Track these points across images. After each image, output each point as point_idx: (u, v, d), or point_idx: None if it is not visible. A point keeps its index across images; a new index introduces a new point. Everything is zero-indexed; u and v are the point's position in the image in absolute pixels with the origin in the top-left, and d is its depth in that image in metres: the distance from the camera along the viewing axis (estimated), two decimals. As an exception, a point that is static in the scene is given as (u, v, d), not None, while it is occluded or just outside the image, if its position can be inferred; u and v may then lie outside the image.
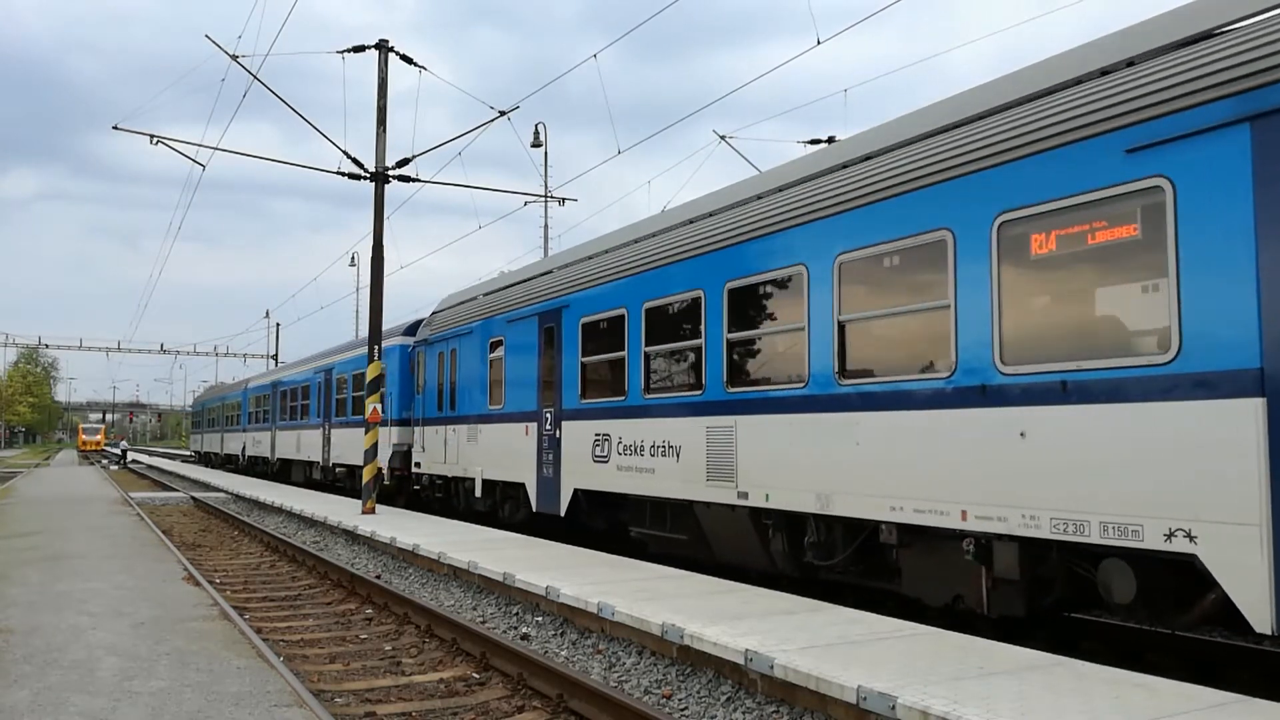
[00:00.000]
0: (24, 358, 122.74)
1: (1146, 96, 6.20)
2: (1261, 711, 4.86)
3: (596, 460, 12.40)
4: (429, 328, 18.79)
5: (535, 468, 14.05)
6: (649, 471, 11.24)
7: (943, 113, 8.20)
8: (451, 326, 17.57)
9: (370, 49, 17.20)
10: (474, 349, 16.51)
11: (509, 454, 14.95)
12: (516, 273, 16.54)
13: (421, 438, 18.76)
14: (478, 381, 16.24)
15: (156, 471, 43.67)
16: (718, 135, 20.80)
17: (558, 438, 13.39)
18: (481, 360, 16.17)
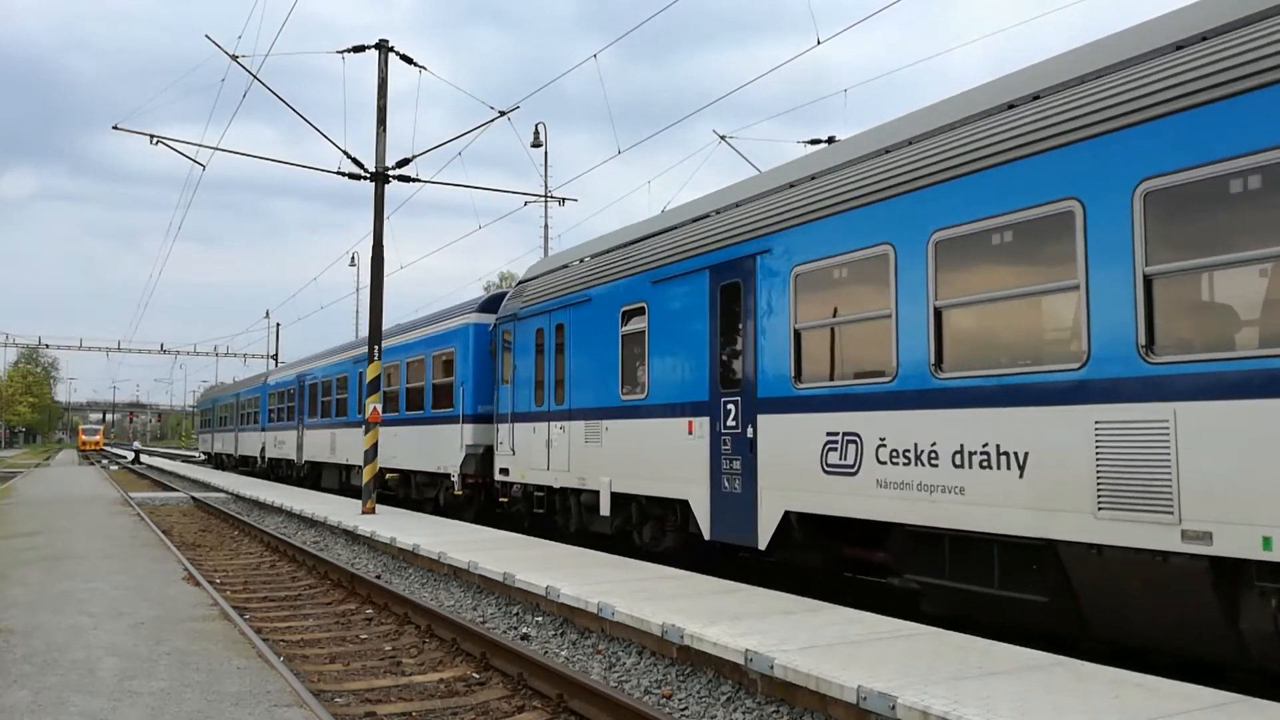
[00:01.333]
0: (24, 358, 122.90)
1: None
2: (1261, 711, 4.86)
3: (831, 471, 8.63)
4: (519, 299, 15.27)
5: (707, 479, 10.34)
6: (951, 491, 7.50)
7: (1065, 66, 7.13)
8: (555, 295, 14.04)
9: (370, 49, 17.20)
10: (595, 321, 12.88)
11: (657, 459, 11.30)
12: (658, 218, 12.75)
13: (510, 438, 15.14)
14: (601, 364, 12.66)
15: (156, 471, 43.67)
16: (718, 135, 20.80)
17: (750, 438, 9.65)
18: (607, 336, 12.52)
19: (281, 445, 32.41)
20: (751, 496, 9.65)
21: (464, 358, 17.39)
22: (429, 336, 19.33)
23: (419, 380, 19.64)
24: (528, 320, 14.90)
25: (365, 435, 17.22)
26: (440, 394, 18.40)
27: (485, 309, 17.38)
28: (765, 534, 9.41)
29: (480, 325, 17.26)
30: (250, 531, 17.50)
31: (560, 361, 13.83)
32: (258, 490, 25.31)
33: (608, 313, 12.64)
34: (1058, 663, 5.91)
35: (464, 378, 17.21)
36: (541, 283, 14.92)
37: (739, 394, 10.00)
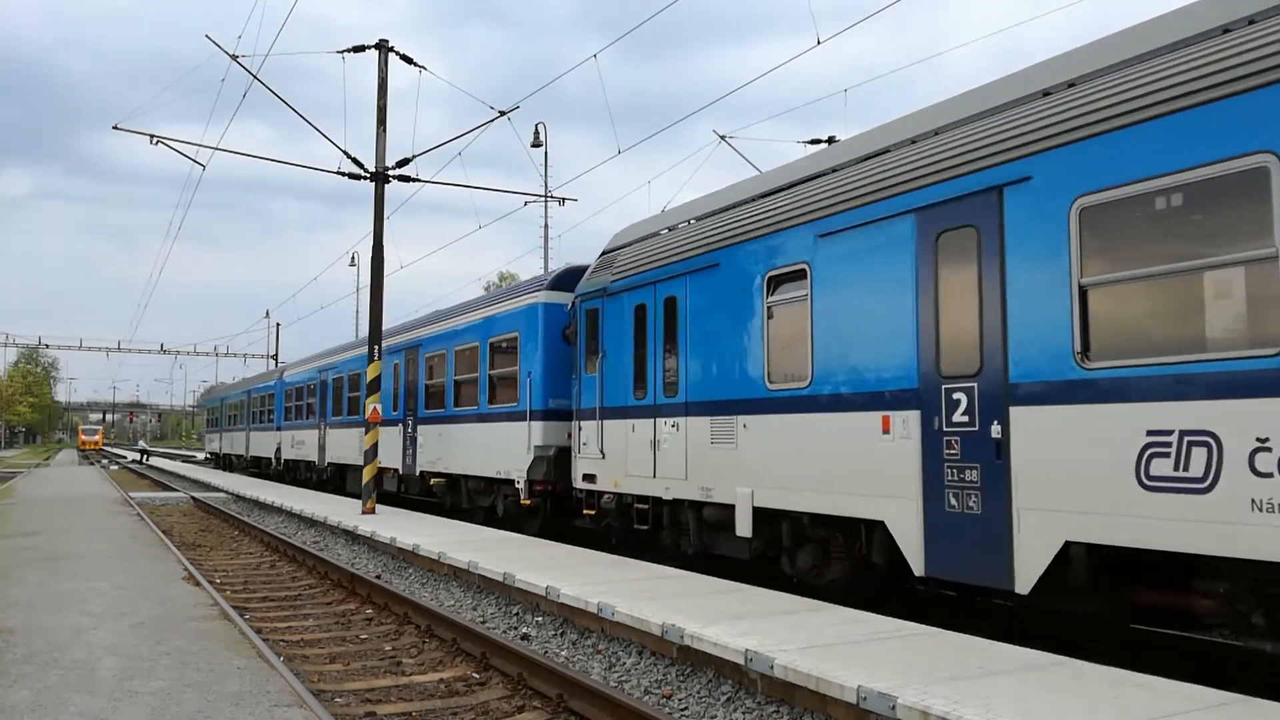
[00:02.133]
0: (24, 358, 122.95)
1: None
2: (1261, 711, 4.86)
3: (1158, 486, 6.08)
4: (608, 271, 12.72)
5: (918, 493, 7.83)
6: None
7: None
8: (663, 262, 11.45)
9: (370, 49, 17.20)
10: (725, 291, 10.31)
11: (828, 466, 8.76)
12: (820, 155, 10.16)
13: (598, 438, 12.65)
14: (735, 345, 10.11)
15: (156, 471, 43.67)
16: (718, 135, 20.79)
17: (997, 439, 7.17)
18: (744, 308, 9.98)
19: (300, 446, 29.39)
20: (1000, 520, 7.05)
21: (531, 343, 14.85)
22: (484, 320, 16.68)
23: (471, 371, 17.04)
24: (623, 295, 12.20)
25: (365, 435, 17.20)
26: (500, 387, 16.04)
27: (558, 285, 14.81)
28: (1029, 572, 6.80)
29: (552, 305, 14.64)
30: (250, 531, 17.50)
31: (671, 343, 11.20)
32: (258, 490, 25.30)
33: (744, 279, 10.00)
34: (1058, 663, 5.91)
35: (531, 367, 14.71)
36: (639, 250, 12.23)
37: (973, 379, 7.45)
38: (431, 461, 18.31)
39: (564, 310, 14.24)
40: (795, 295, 9.35)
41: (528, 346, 15.03)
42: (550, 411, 14.50)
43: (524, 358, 15.08)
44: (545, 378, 14.59)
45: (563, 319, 14.31)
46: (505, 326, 15.94)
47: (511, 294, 16.29)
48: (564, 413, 14.09)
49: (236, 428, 41.55)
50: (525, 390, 14.78)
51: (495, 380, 16.26)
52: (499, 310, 16.34)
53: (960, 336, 7.61)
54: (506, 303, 16.16)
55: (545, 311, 14.84)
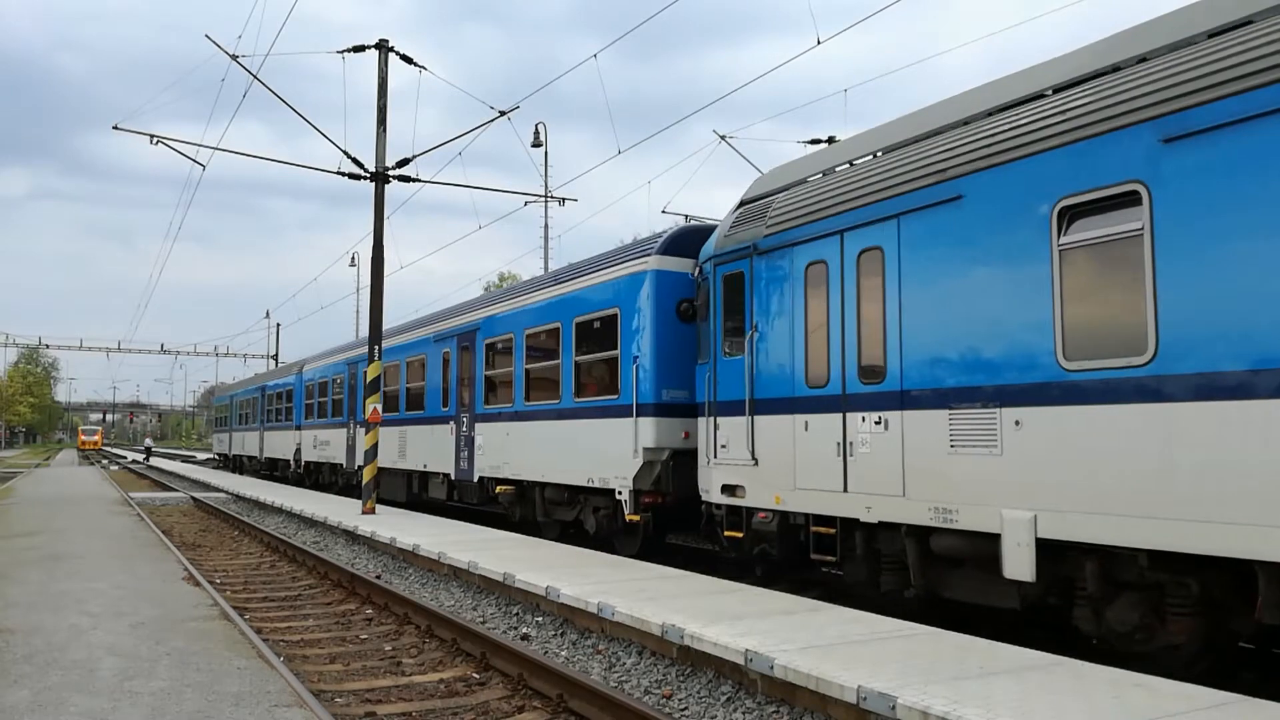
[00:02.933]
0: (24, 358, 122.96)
1: None
2: (1261, 711, 4.87)
3: None
4: (760, 223, 10.00)
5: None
6: None
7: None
8: (855, 203, 8.76)
9: (370, 49, 17.20)
10: (970, 233, 7.67)
11: (1200, 483, 6.02)
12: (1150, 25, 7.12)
13: (746, 438, 9.91)
14: (992, 307, 7.45)
15: (156, 471, 43.68)
16: (718, 135, 20.79)
17: None
18: (1008, 255, 7.34)
19: (324, 447, 26.28)
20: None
21: (638, 321, 12.10)
22: (569, 296, 14.03)
23: (549, 358, 14.39)
24: (785, 253, 9.54)
25: (365, 435, 17.17)
26: (591, 376, 13.36)
27: (673, 249, 12.17)
28: None
29: (666, 274, 11.99)
30: (250, 531, 17.50)
31: (871, 310, 8.53)
32: (258, 490, 25.30)
33: (1012, 214, 7.32)
34: (1058, 663, 5.91)
35: (638, 349, 12.03)
36: (809, 192, 9.54)
37: None
38: (495, 466, 15.68)
39: (682, 279, 11.94)
40: (1116, 231, 6.64)
41: (633, 325, 12.25)
42: (664, 406, 11.80)
43: (627, 340, 12.32)
44: (657, 364, 11.87)
45: (679, 290, 11.99)
46: (599, 302, 13.12)
47: (606, 262, 13.33)
48: (682, 407, 11.73)
49: (249, 427, 38.41)
50: (630, 380, 12.07)
51: (583, 368, 13.50)
52: (590, 283, 13.49)
53: None
54: (601, 273, 13.23)
55: (657, 282, 12.01)
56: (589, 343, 13.40)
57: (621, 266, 12.77)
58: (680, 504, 11.67)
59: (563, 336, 13.96)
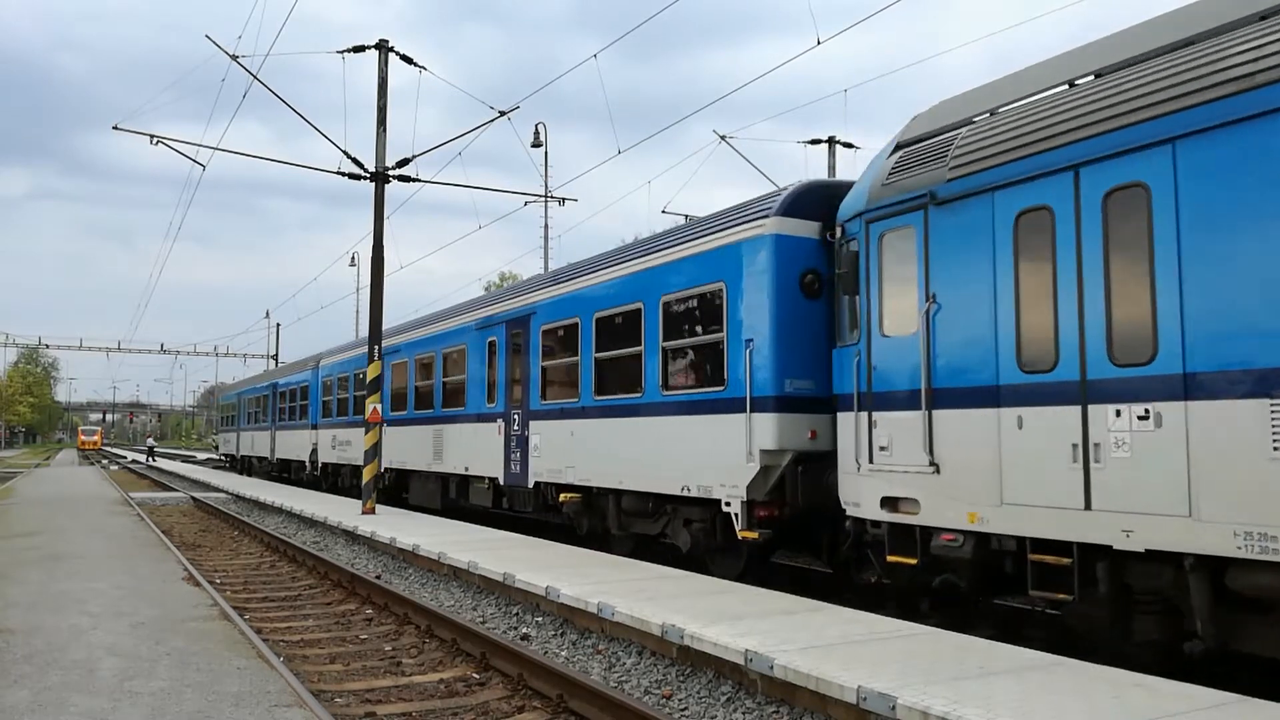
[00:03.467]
0: (24, 358, 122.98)
1: None
2: (1261, 711, 4.87)
3: None
4: (939, 165, 8.05)
5: None
6: None
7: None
8: (1092, 130, 6.91)
9: (370, 49, 17.21)
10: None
11: None
12: None
13: (921, 438, 7.96)
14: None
15: (156, 471, 43.68)
16: (718, 135, 20.81)
17: None
18: None
19: (345, 447, 24.07)
20: None
21: (751, 297, 10.00)
22: (654, 270, 11.76)
23: (626, 345, 12.13)
24: (979, 200, 7.59)
25: (365, 435, 17.18)
26: (684, 364, 11.24)
27: (795, 209, 9.93)
28: None
29: (789, 240, 9.85)
30: (250, 531, 17.51)
31: (1126, 268, 6.66)
32: (258, 490, 25.30)
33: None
34: (1058, 663, 5.91)
35: (753, 332, 9.93)
36: (1015, 121, 7.56)
37: None
38: (556, 471, 13.57)
39: (805, 246, 9.88)
40: None
41: (745, 303, 10.09)
42: (787, 399, 9.70)
43: (737, 320, 10.20)
44: (778, 348, 9.73)
45: (802, 259, 9.86)
46: (697, 276, 10.92)
47: (706, 228, 11.06)
48: (808, 401, 9.71)
49: (259, 426, 35.86)
50: (741, 368, 9.99)
51: (675, 356, 11.34)
52: (683, 253, 11.25)
53: None
54: (698, 241, 11.04)
55: (778, 249, 9.84)
56: (682, 325, 11.22)
57: (728, 232, 10.51)
58: (800, 518, 9.77)
59: (645, 319, 11.74)
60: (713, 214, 11.41)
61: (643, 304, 11.85)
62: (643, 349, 11.78)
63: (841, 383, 9.06)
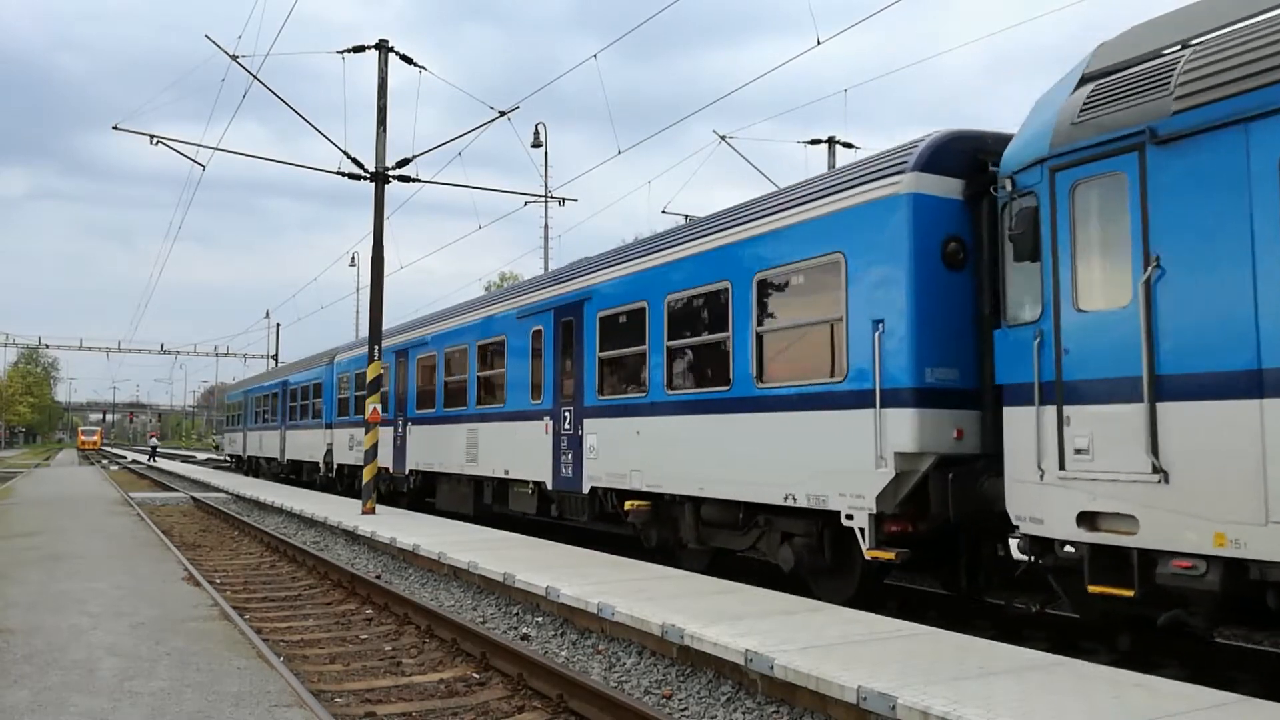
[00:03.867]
0: (24, 358, 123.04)
1: None
2: (1261, 711, 4.87)
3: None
4: (1163, 94, 6.45)
5: None
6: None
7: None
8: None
9: (370, 49, 17.21)
10: None
11: None
12: None
13: (1142, 436, 6.36)
14: None
15: (156, 471, 43.69)
16: (718, 135, 20.81)
17: None
18: None
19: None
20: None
21: (881, 270, 8.43)
22: (745, 244, 10.14)
23: (707, 330, 10.62)
24: (1221, 137, 6.15)
25: (365, 435, 17.17)
26: (789, 351, 9.69)
27: (936, 164, 8.33)
28: None
29: (929, 201, 8.28)
30: (250, 531, 17.51)
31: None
32: (258, 490, 25.31)
33: None
34: (1058, 663, 5.91)
35: (885, 310, 8.36)
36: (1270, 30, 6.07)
37: None
38: (618, 475, 12.02)
39: (948, 209, 8.36)
40: None
41: (876, 276, 8.49)
42: (928, 392, 8.13)
43: (862, 298, 8.62)
44: (918, 331, 8.16)
45: (944, 223, 8.33)
46: (805, 247, 9.31)
47: (819, 190, 9.39)
48: (953, 394, 8.20)
49: (267, 425, 34.19)
50: (869, 355, 8.44)
51: (775, 342, 9.78)
52: (786, 221, 9.60)
53: None
54: (807, 206, 9.37)
55: (917, 211, 8.25)
56: (782, 307, 9.68)
57: (849, 194, 8.87)
58: (938, 534, 8.29)
59: (734, 301, 10.16)
60: (827, 173, 9.91)
61: (729, 283, 10.25)
62: (730, 336, 10.19)
63: (1011, 370, 7.38)
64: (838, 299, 8.87)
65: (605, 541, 13.69)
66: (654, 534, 11.72)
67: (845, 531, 8.62)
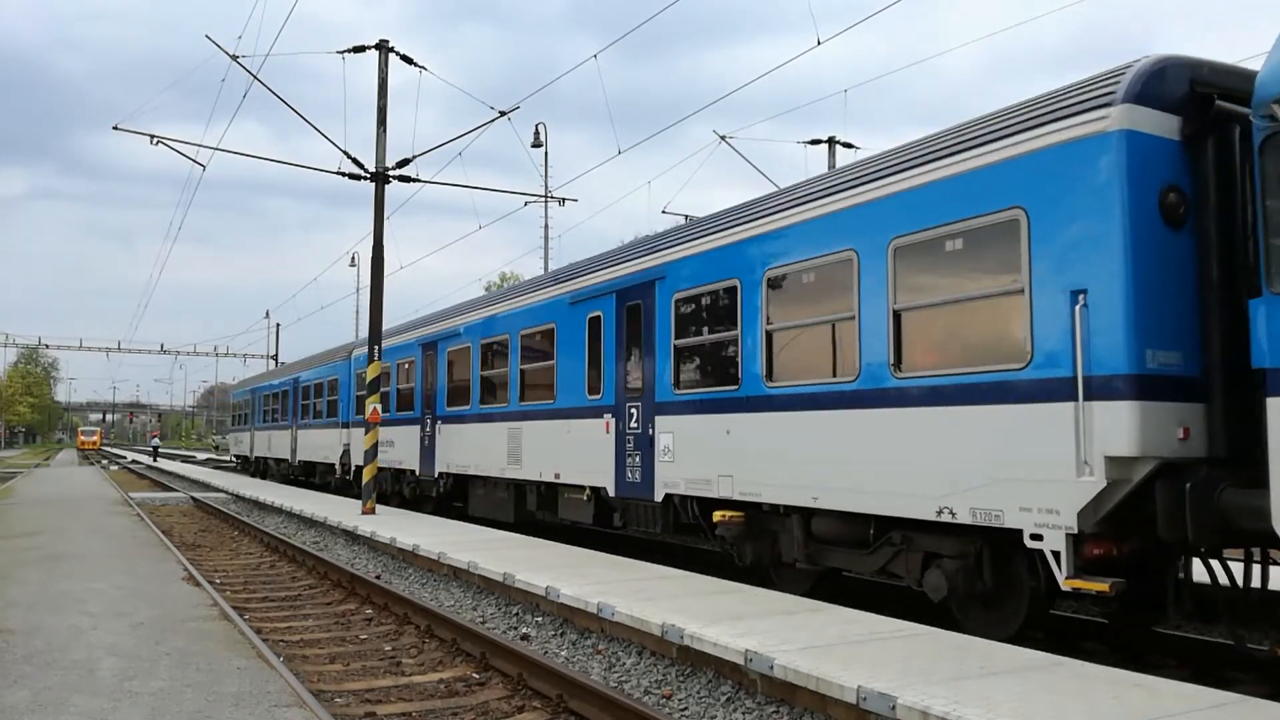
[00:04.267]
0: (24, 358, 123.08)
1: None
2: (1261, 711, 4.87)
3: None
4: None
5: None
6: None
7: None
8: None
9: (370, 49, 17.21)
10: None
11: None
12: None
13: None
14: None
15: (156, 471, 43.68)
16: (718, 135, 20.81)
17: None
18: None
19: (386, 449, 20.16)
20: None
21: (1084, 226, 6.88)
22: (878, 204, 8.58)
23: (823, 310, 9.13)
24: None
25: (365, 435, 17.16)
26: (938, 333, 8.05)
27: (1149, 96, 6.85)
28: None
29: (1144, 140, 6.78)
30: (250, 532, 17.51)
31: None
32: (258, 490, 25.30)
33: None
34: (1058, 663, 5.91)
35: (1089, 278, 6.81)
36: None
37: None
38: (700, 480, 10.62)
39: (1164, 151, 6.84)
40: None
41: (1075, 235, 6.93)
42: (1150, 380, 6.57)
43: (1053, 263, 7.02)
44: (1136, 302, 6.59)
45: (1161, 170, 6.80)
46: (965, 202, 7.72)
47: (981, 133, 7.82)
48: (1177, 383, 6.67)
49: (276, 424, 32.44)
50: (1066, 334, 6.86)
51: (913, 320, 8.20)
52: (940, 173, 7.98)
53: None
54: (970, 154, 7.75)
55: (1131, 153, 6.72)
56: (934, 276, 7.98)
57: (1033, 135, 7.28)
58: (1142, 558, 6.85)
59: (861, 274, 8.59)
60: (985, 116, 8.04)
61: (855, 253, 8.66)
62: (856, 316, 8.60)
63: None
64: (1015, 265, 7.24)
65: (685, 558, 12.52)
66: (749, 549, 10.22)
67: (1011, 552, 7.29)
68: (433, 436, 18.39)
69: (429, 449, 18.53)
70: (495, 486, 16.09)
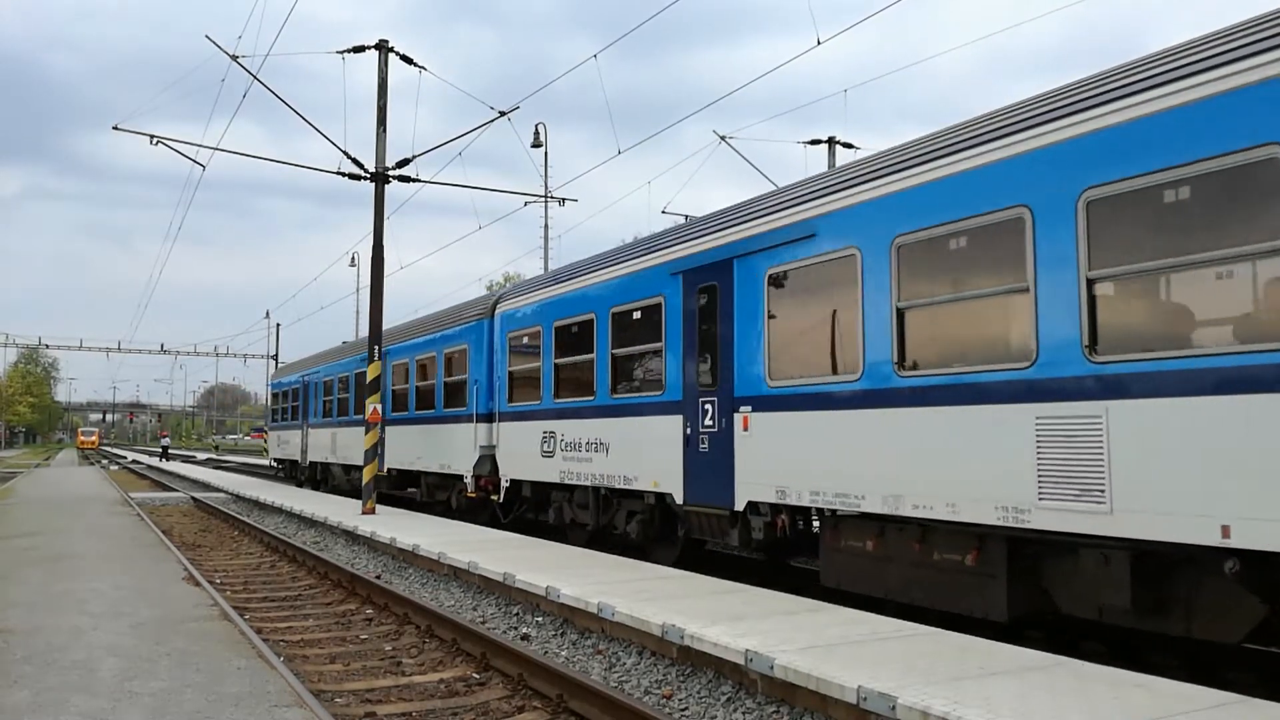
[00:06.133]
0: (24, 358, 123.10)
1: None
2: (1261, 711, 4.87)
3: None
4: None
5: None
6: None
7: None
8: None
9: (370, 49, 17.20)
10: None
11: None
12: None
13: None
14: None
15: (156, 472, 43.67)
16: (718, 136, 20.80)
17: None
18: None
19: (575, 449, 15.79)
20: None
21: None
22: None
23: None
24: None
25: (365, 435, 17.16)
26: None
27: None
28: None
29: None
30: (250, 532, 17.51)
31: None
32: (258, 490, 25.30)
33: None
34: (1058, 663, 5.91)
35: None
36: None
37: None
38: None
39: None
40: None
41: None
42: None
43: None
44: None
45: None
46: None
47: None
48: None
49: (347, 419, 24.04)
50: None
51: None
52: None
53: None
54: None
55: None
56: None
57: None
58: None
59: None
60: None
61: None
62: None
63: None
64: None
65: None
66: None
67: None
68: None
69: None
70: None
